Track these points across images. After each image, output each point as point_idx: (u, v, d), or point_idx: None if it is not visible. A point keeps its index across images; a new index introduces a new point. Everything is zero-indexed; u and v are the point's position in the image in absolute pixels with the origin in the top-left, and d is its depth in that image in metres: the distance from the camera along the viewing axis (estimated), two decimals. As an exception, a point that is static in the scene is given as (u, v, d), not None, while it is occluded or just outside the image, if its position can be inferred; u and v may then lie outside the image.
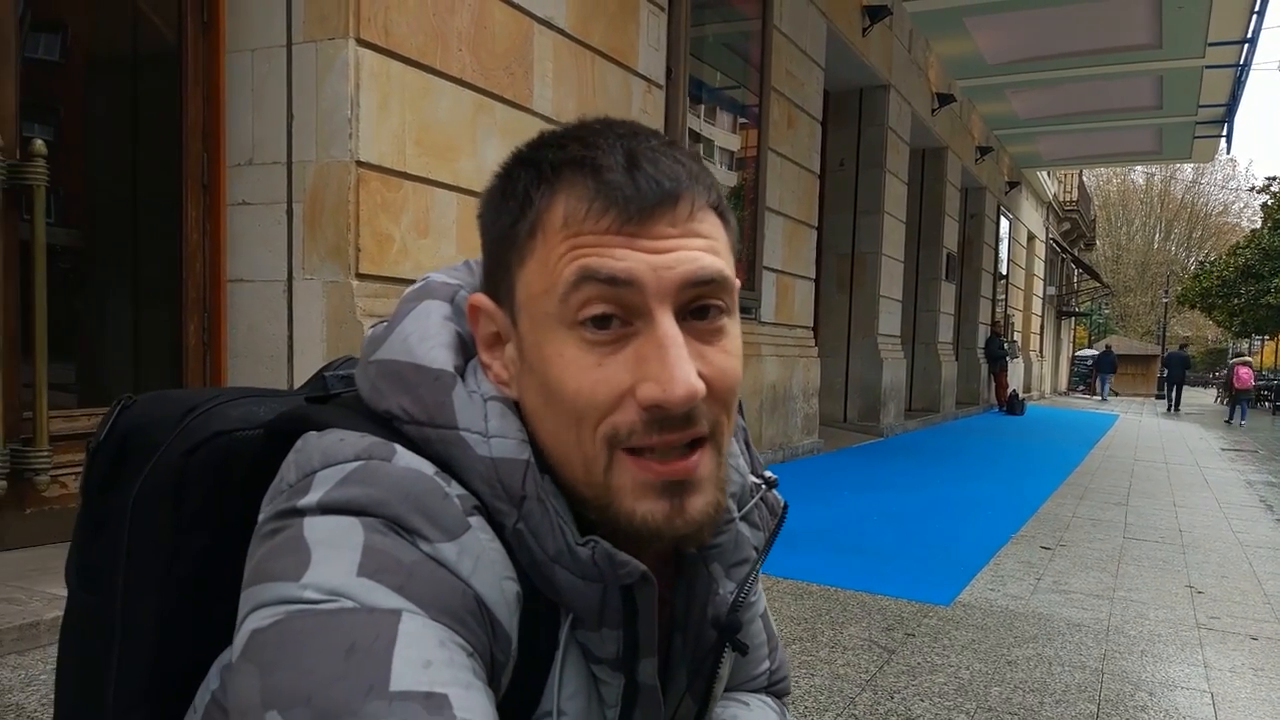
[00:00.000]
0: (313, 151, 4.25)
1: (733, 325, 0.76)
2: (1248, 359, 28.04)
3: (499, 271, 0.77)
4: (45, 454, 3.64)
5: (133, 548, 0.82)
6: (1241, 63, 13.68)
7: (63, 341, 4.13)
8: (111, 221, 4.45)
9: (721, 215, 0.77)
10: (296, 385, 3.70)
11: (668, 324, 0.70)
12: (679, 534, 0.73)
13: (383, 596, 0.62)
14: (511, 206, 0.75)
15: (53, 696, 2.66)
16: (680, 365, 0.69)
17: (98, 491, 0.87)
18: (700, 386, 0.69)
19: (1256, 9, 11.75)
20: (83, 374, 4.39)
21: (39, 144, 3.61)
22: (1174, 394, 28.02)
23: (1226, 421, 23.10)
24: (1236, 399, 23.95)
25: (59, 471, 3.76)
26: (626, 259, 0.69)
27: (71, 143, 4.35)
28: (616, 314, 0.70)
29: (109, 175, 4.48)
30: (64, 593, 2.96)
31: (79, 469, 3.83)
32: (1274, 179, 35.47)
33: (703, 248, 0.72)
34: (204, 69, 4.36)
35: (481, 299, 0.78)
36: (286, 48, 4.27)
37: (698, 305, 0.72)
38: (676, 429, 0.71)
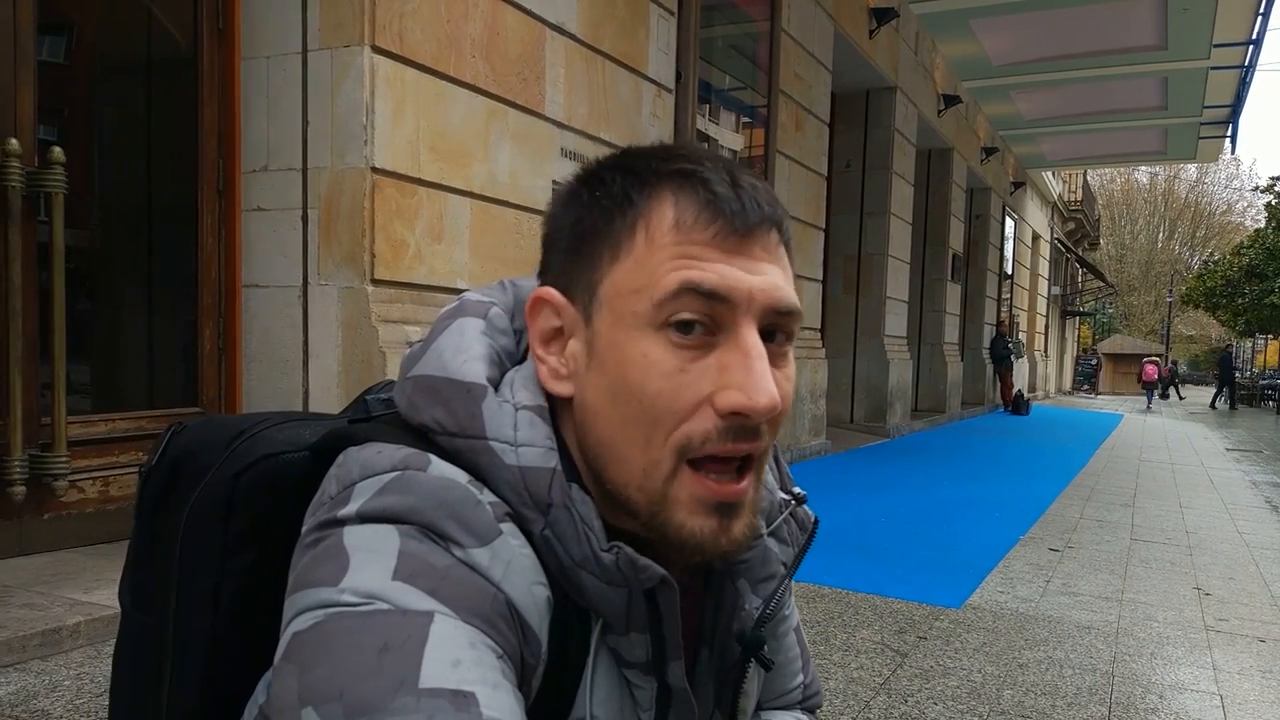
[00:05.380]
0: (328, 158, 4.28)
1: (792, 355, 0.79)
2: (1155, 358, 33.72)
3: (579, 266, 0.77)
4: (63, 459, 3.67)
5: (183, 568, 0.84)
6: (1246, 64, 13.67)
7: (80, 347, 4.16)
8: (127, 227, 4.48)
9: (790, 252, 0.80)
10: (311, 391, 3.71)
11: (754, 338, 0.73)
12: (721, 552, 0.76)
13: (416, 599, 0.64)
14: (606, 205, 0.76)
15: (78, 702, 2.68)
16: (766, 376, 0.72)
17: (150, 514, 0.89)
18: (779, 399, 0.73)
19: (1261, 11, 11.76)
20: (99, 379, 4.42)
21: (57, 151, 3.64)
22: (1217, 393, 32.86)
23: (1143, 410, 27.47)
24: (1146, 389, 30.40)
25: (77, 476, 3.80)
26: (725, 275, 0.72)
27: (87, 148, 4.39)
28: (703, 322, 0.72)
29: (125, 181, 4.51)
30: (85, 598, 3.00)
31: (96, 474, 3.88)
32: (1278, 179, 35.32)
33: (783, 278, 0.76)
34: (219, 75, 4.39)
35: (550, 292, 0.78)
36: (302, 54, 4.29)
37: (771, 329, 0.75)
38: (747, 439, 0.73)
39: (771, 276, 0.74)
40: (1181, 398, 39.17)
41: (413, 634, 0.62)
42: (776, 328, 0.76)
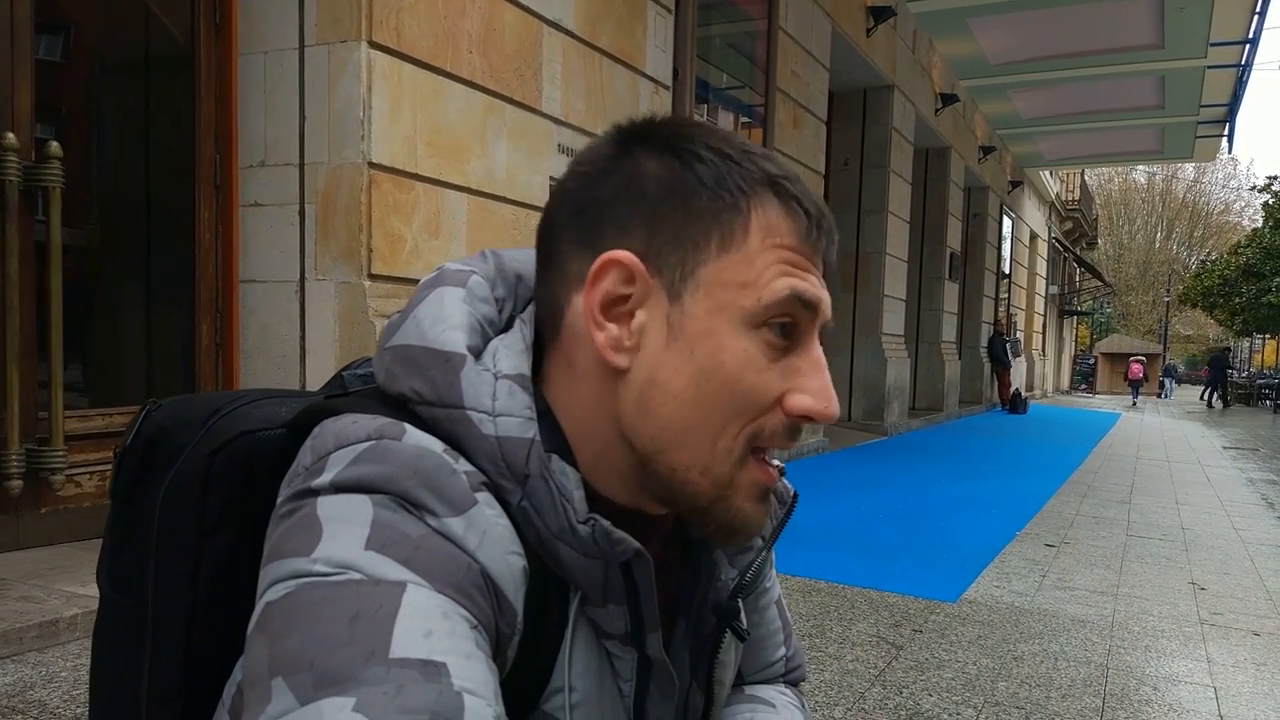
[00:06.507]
0: (325, 153, 4.28)
1: None
2: (1140, 357, 36.36)
3: (675, 240, 0.75)
4: (60, 454, 3.68)
5: (160, 547, 0.83)
6: (1243, 63, 13.70)
7: (77, 342, 4.17)
8: (125, 223, 4.49)
9: None
10: (309, 385, 3.70)
11: (819, 348, 0.78)
12: (757, 533, 0.80)
13: (389, 569, 0.64)
14: (711, 187, 0.75)
15: (74, 693, 2.69)
16: (831, 386, 0.77)
17: (126, 494, 0.88)
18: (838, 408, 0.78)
19: (1258, 9, 11.78)
20: (96, 374, 4.43)
21: (54, 146, 3.65)
22: (1212, 391, 34.23)
23: (1130, 406, 29.06)
24: (1132, 386, 33.13)
25: (74, 471, 3.80)
26: (819, 288, 0.77)
27: (85, 145, 4.39)
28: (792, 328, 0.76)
29: (122, 176, 4.52)
30: (81, 590, 3.01)
31: (93, 468, 3.88)
32: (1275, 178, 35.35)
33: None
34: (217, 71, 4.39)
35: (632, 259, 0.76)
36: (299, 50, 4.30)
37: None
38: (797, 438, 0.79)
39: (827, 292, 0.79)
40: (1202, 398, 39.32)
41: (384, 604, 0.62)
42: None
